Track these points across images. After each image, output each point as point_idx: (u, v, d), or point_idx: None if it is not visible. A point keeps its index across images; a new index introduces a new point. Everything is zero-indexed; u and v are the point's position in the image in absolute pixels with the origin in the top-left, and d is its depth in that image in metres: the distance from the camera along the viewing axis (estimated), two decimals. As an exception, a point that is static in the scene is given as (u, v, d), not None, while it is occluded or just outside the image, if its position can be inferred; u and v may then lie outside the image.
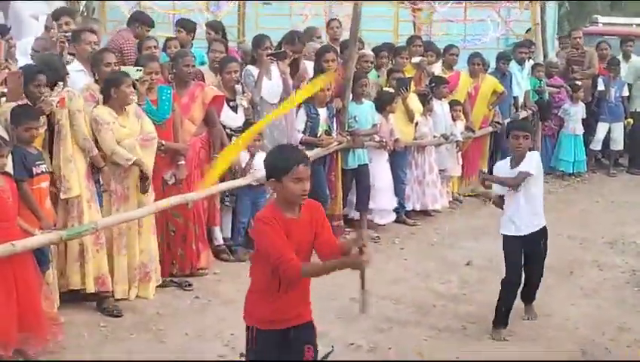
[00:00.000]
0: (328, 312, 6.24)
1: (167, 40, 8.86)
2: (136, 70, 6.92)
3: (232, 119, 7.89)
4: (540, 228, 6.26)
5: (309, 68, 8.85)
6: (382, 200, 9.10)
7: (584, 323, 6.52)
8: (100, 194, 6.48)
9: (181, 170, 7.19)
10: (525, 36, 13.75)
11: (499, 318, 6.25)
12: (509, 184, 6.17)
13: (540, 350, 6.02)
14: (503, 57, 11.56)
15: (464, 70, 10.94)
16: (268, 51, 8.26)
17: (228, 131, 7.85)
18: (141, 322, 6.30)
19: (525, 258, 6.29)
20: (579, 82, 12.55)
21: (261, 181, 7.96)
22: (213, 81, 7.98)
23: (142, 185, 6.64)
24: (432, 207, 9.94)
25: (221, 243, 7.96)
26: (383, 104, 9.19)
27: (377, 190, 9.03)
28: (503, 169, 6.31)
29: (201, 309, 6.65)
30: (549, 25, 15.16)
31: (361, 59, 9.13)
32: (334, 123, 8.66)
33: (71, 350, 5.68)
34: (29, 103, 5.90)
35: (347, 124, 8.79)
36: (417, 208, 9.83)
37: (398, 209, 9.50)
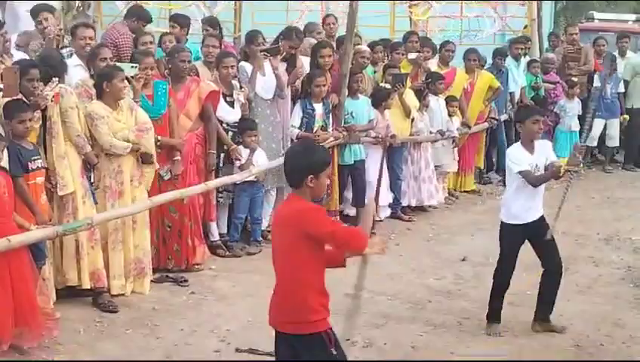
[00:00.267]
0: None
1: (162, 35, 8.84)
2: (131, 67, 6.90)
3: (229, 114, 7.88)
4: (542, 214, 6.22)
5: (306, 63, 8.86)
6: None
7: (579, 318, 6.52)
8: (93, 191, 6.48)
9: (177, 166, 7.19)
10: (522, 32, 13.77)
11: (492, 313, 6.26)
12: (555, 177, 6.10)
13: (535, 345, 6.03)
14: (499, 53, 11.57)
15: (460, 66, 10.94)
16: (261, 47, 8.26)
17: (224, 126, 7.86)
18: (137, 317, 6.29)
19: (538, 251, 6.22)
20: (574, 78, 12.56)
21: (260, 177, 7.98)
22: (207, 76, 7.97)
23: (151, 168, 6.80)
24: (428, 203, 9.95)
25: (217, 238, 7.96)
26: (380, 100, 9.19)
27: (374, 186, 9.02)
28: (523, 155, 6.07)
29: (196, 305, 6.65)
30: (546, 21, 15.17)
31: (357, 54, 9.12)
32: (330, 118, 8.66)
33: (66, 345, 5.67)
34: (23, 98, 5.89)
35: (343, 120, 8.79)
36: (413, 204, 9.83)
37: (394, 205, 9.51)
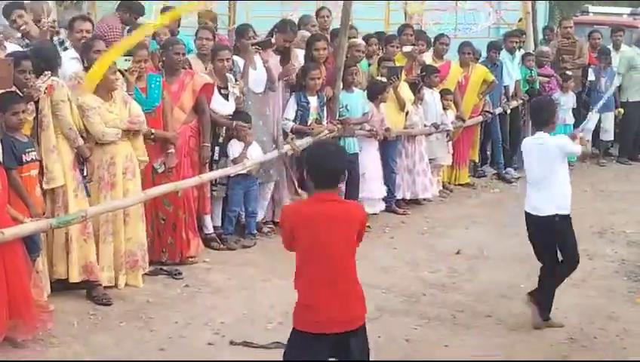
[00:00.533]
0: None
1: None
2: (124, 60, 6.87)
3: (223, 106, 7.86)
4: None
5: (300, 56, 8.84)
6: (371, 189, 9.10)
7: (573, 312, 6.53)
8: (86, 184, 6.45)
9: (171, 159, 7.17)
10: (517, 25, 13.75)
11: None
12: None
13: (528, 338, 6.04)
14: (494, 46, 11.55)
15: (454, 59, 10.93)
16: (252, 41, 8.23)
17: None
18: (131, 310, 6.28)
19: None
20: (569, 72, 12.56)
21: (253, 170, 7.96)
22: (200, 69, 7.94)
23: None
24: (423, 196, 9.93)
25: (211, 231, 7.95)
26: (375, 93, 9.18)
27: (367, 179, 9.03)
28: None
29: (190, 297, 6.64)
30: (540, 14, 15.15)
31: (352, 48, 9.09)
32: (325, 111, 8.64)
33: (60, 338, 5.66)
34: (17, 90, 5.86)
35: (338, 113, 8.78)
36: (407, 197, 9.83)
37: (389, 198, 9.51)
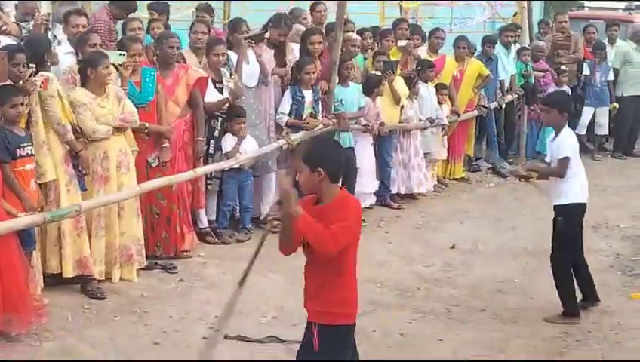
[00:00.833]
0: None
1: (150, 21, 8.77)
2: (119, 54, 6.85)
3: (217, 99, 7.85)
4: None
5: (296, 50, 8.83)
6: (364, 183, 9.08)
7: (567, 306, 6.54)
8: (81, 178, 6.43)
9: (165, 153, 7.16)
10: (512, 20, 13.73)
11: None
12: (558, 174, 6.22)
13: (523, 332, 6.05)
14: (489, 41, 11.56)
15: (450, 54, 10.93)
16: (245, 35, 8.22)
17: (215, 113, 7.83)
18: (125, 304, 6.28)
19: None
20: (564, 66, 12.55)
21: (247, 165, 7.95)
22: (194, 63, 7.92)
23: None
24: (417, 191, 9.94)
25: (206, 226, 7.93)
26: (371, 87, 9.18)
27: (361, 173, 9.02)
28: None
29: (185, 292, 6.64)
30: (536, 8, 15.14)
31: (347, 42, 9.08)
32: (320, 106, 8.64)
33: (54, 332, 5.65)
34: (11, 83, 5.84)
35: (333, 107, 8.77)
36: (402, 191, 9.83)
37: (383, 192, 9.50)
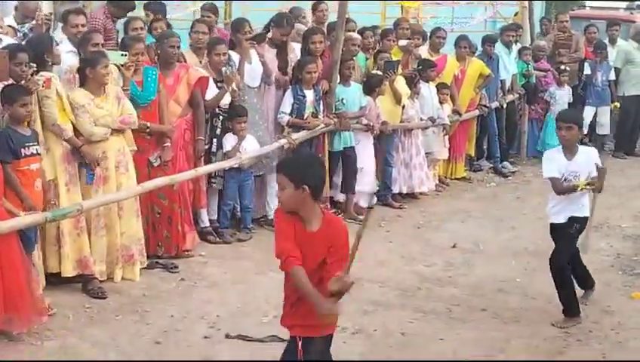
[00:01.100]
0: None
1: (152, 21, 8.77)
2: (121, 54, 6.84)
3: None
4: None
5: (297, 49, 8.83)
6: (365, 183, 9.09)
7: (568, 306, 6.55)
8: (91, 172, 6.42)
9: (166, 152, 7.16)
10: (513, 19, 13.73)
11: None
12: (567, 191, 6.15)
13: (524, 332, 6.05)
14: (490, 40, 11.56)
15: (451, 53, 10.93)
16: (247, 35, 8.22)
17: (215, 110, 7.84)
18: (127, 304, 6.28)
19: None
20: (565, 66, 12.54)
21: (247, 165, 7.96)
22: (195, 63, 7.92)
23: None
24: (419, 190, 9.94)
25: (207, 225, 7.94)
26: (372, 86, 9.18)
27: (361, 173, 9.02)
28: (557, 160, 6.20)
29: (186, 291, 6.64)
30: (537, 8, 15.12)
31: (348, 41, 9.09)
32: (321, 105, 8.64)
33: (56, 331, 5.66)
34: (14, 82, 5.84)
35: (334, 107, 8.77)
36: (404, 191, 9.82)
37: (385, 191, 9.51)
